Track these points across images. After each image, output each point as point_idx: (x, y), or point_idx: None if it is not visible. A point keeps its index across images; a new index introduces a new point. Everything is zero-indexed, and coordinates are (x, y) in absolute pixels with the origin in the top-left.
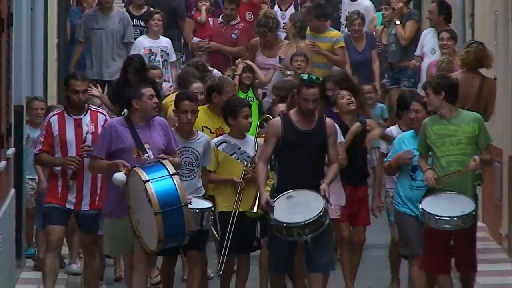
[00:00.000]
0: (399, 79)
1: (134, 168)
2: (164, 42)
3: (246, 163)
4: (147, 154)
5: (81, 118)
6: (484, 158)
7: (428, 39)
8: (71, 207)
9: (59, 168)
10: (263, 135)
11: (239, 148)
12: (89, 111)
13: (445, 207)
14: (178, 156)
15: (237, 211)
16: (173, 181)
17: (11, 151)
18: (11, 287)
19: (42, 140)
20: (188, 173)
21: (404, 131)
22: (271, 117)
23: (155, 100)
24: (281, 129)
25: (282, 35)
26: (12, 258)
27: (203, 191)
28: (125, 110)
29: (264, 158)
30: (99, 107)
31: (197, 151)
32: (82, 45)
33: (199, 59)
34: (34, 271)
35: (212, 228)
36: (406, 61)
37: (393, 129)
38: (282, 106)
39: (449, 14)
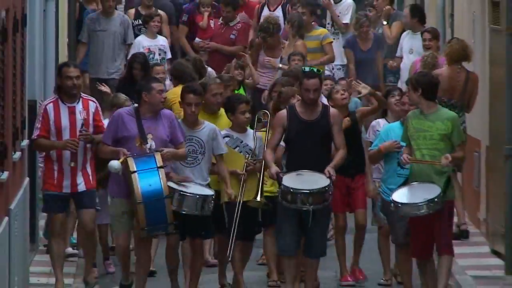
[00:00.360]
0: (385, 75)
1: (127, 158)
2: (161, 41)
3: (247, 155)
4: (148, 144)
5: (74, 106)
6: (456, 155)
7: (406, 40)
8: (68, 191)
9: (53, 153)
10: (262, 129)
11: (241, 142)
12: (81, 99)
13: (413, 195)
14: (184, 147)
15: (241, 201)
16: (159, 173)
17: (25, 142)
18: (26, 269)
19: (39, 126)
20: (192, 160)
21: (389, 122)
22: (268, 112)
23: (164, 95)
24: (287, 120)
25: None
26: (27, 242)
27: (209, 179)
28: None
29: (271, 145)
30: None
31: (201, 139)
32: (85, 46)
33: (197, 56)
34: (46, 254)
35: None
36: (392, 59)
37: (380, 121)
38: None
39: (423, 16)
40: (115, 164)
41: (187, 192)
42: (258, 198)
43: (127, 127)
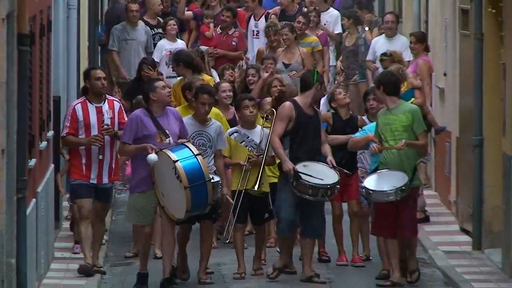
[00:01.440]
0: (366, 75)
1: (163, 150)
2: (180, 44)
3: (250, 149)
4: (169, 139)
5: (101, 106)
6: (416, 142)
7: (380, 44)
8: (94, 181)
9: (83, 148)
10: (269, 126)
11: (248, 137)
12: (106, 100)
13: (383, 183)
14: (188, 139)
15: (244, 189)
16: (198, 160)
17: (50, 133)
18: (52, 243)
19: (67, 124)
20: (202, 152)
21: (372, 121)
22: (274, 111)
23: (168, 89)
24: (295, 113)
25: (255, 41)
26: (52, 220)
27: (214, 168)
28: None
29: (277, 133)
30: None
31: (210, 134)
32: (117, 53)
33: (202, 50)
34: (69, 231)
35: None
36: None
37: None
38: (268, 99)
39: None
40: (153, 156)
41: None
42: (256, 188)
43: (146, 126)
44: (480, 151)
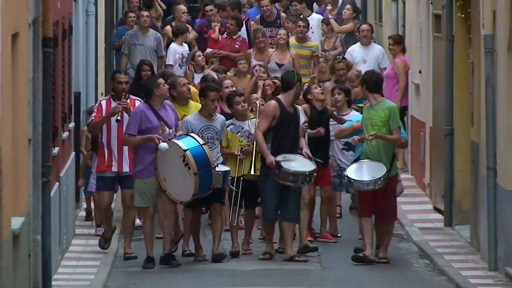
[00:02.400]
0: None
1: (172, 140)
2: (185, 47)
3: (243, 138)
4: (169, 130)
5: (129, 108)
6: (388, 136)
7: (357, 52)
8: (116, 170)
9: (104, 141)
10: (255, 116)
11: (242, 128)
12: (129, 98)
13: (364, 173)
14: (179, 130)
15: (241, 176)
16: (204, 149)
17: (71, 125)
18: (73, 221)
19: (94, 115)
20: (211, 145)
21: (339, 114)
22: (258, 103)
23: (167, 86)
24: (279, 111)
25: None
26: (73, 201)
27: (221, 159)
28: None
29: (262, 129)
30: None
31: (216, 128)
32: (127, 57)
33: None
34: (87, 212)
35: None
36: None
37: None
38: (255, 95)
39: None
40: (165, 145)
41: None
42: (252, 172)
43: (149, 119)
44: (451, 140)
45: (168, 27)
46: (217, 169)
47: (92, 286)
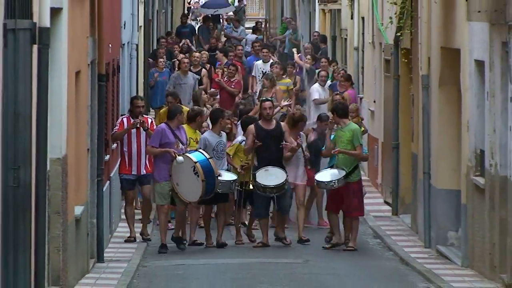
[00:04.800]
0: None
1: (185, 154)
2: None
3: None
4: (183, 146)
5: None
6: (351, 152)
7: (315, 91)
8: (135, 173)
9: (126, 150)
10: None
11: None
12: (143, 117)
13: (328, 176)
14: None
15: (243, 186)
16: (210, 162)
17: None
18: (119, 209)
19: (116, 128)
20: (222, 155)
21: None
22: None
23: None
24: (255, 130)
25: None
26: (119, 195)
27: (227, 166)
28: None
29: (248, 150)
30: None
31: (225, 142)
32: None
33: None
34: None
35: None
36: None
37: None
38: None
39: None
40: (181, 159)
41: (223, 180)
42: (251, 186)
43: (167, 136)
44: (397, 151)
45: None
46: (226, 178)
47: (134, 257)
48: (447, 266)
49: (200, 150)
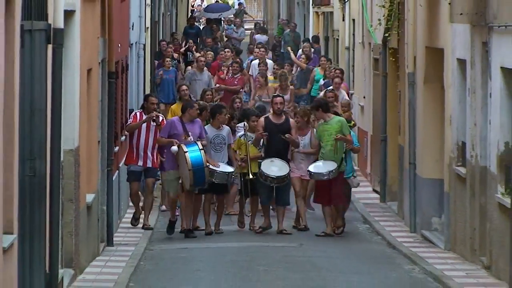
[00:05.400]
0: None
1: (181, 144)
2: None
3: (250, 145)
4: (190, 138)
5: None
6: (348, 138)
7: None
8: (141, 164)
9: (134, 142)
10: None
11: (252, 138)
12: (157, 113)
13: (321, 168)
14: (205, 140)
15: (247, 176)
16: (201, 152)
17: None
18: (127, 197)
19: (131, 120)
20: (219, 148)
21: None
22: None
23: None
24: (264, 124)
25: None
26: (127, 184)
27: (227, 159)
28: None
29: (257, 137)
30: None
31: (224, 135)
32: (187, 87)
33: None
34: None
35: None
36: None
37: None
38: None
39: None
40: (174, 148)
41: (219, 171)
42: (251, 176)
43: (176, 128)
44: (385, 143)
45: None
46: (222, 169)
47: (141, 241)
48: (431, 249)
49: (198, 142)
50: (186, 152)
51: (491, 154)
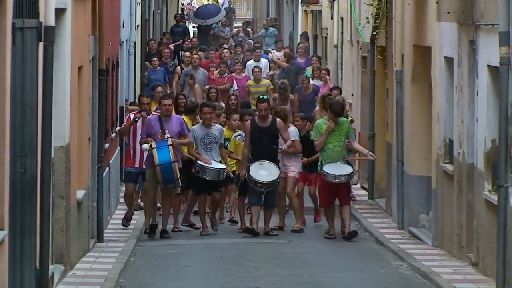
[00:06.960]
0: None
1: (152, 142)
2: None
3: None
4: (167, 135)
5: (146, 117)
6: (353, 144)
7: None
8: (138, 165)
9: (131, 144)
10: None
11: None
12: (151, 114)
13: (336, 169)
14: (188, 137)
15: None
16: (169, 148)
17: (117, 128)
18: (118, 193)
19: (124, 124)
20: (210, 147)
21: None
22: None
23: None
24: (250, 127)
25: None
26: (118, 180)
27: (219, 158)
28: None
29: (247, 145)
30: None
31: (214, 134)
32: (182, 87)
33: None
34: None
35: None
36: None
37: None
38: (235, 116)
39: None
40: (146, 146)
41: (211, 167)
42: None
43: (153, 126)
44: (373, 140)
45: (179, 68)
46: (214, 166)
47: (131, 237)
48: (419, 246)
49: (169, 138)
50: (154, 148)
51: (478, 151)
